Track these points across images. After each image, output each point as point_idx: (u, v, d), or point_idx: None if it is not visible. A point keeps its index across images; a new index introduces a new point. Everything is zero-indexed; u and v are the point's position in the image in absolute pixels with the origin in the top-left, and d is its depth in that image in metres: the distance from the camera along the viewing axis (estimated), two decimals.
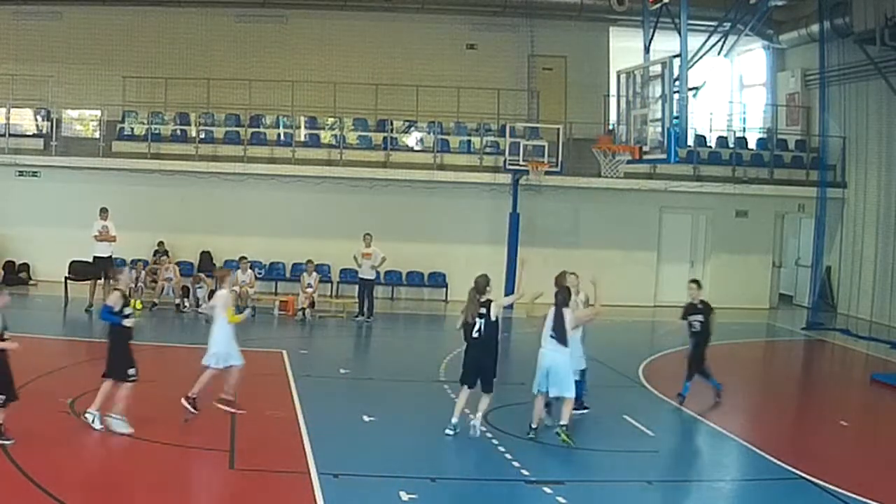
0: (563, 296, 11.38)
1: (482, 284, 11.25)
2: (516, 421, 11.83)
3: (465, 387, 11.33)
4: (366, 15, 25.35)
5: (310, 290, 20.59)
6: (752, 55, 28.66)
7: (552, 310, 11.35)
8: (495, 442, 11.19)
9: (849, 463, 11.39)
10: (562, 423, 11.22)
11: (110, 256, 20.03)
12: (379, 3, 25.24)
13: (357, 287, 21.10)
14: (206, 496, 9.20)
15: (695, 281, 14.55)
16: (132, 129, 24.04)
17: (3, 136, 22.88)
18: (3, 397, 9.64)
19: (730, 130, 26.93)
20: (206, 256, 23.24)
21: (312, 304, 20.60)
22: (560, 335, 11.20)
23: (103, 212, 20.02)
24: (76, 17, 24.46)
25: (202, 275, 21.35)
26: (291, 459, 10.17)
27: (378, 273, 21.35)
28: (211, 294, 20.86)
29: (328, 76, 24.46)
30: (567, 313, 11.28)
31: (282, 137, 24.42)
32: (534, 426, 11.32)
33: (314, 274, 20.93)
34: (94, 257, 19.73)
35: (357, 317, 20.56)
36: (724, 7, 18.78)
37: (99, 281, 19.82)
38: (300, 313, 20.55)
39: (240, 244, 22.65)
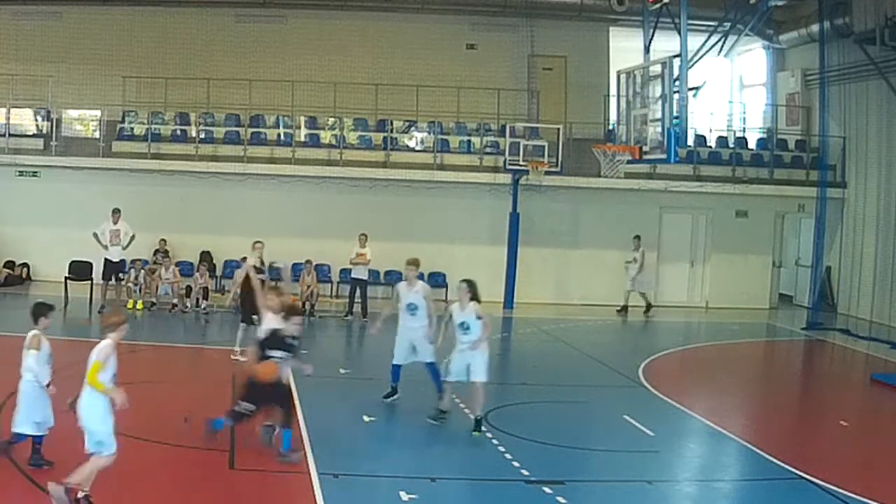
0: None
1: None
2: (516, 421, 11.83)
3: None
4: (366, 15, 25.34)
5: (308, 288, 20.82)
6: (752, 55, 28.66)
7: None
8: (495, 442, 11.20)
9: (849, 463, 11.38)
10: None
11: (121, 261, 20.24)
12: (379, 3, 25.23)
13: (349, 286, 21.14)
14: (206, 496, 9.19)
15: None
16: (132, 129, 24.04)
17: (3, 136, 22.87)
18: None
19: (730, 130, 26.93)
20: (206, 256, 23.24)
21: (313, 305, 20.80)
22: None
23: (115, 213, 20.20)
24: (76, 17, 24.46)
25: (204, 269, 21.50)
26: None
27: (377, 273, 21.39)
28: (206, 292, 20.96)
29: (328, 76, 24.45)
30: None
31: (282, 137, 24.41)
32: None
33: (313, 273, 21.14)
34: (105, 260, 20.02)
35: (346, 316, 20.62)
36: (724, 7, 18.79)
37: (110, 283, 20.11)
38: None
39: (240, 244, 22.55)
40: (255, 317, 14.73)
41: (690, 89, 14.21)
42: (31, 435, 9.19)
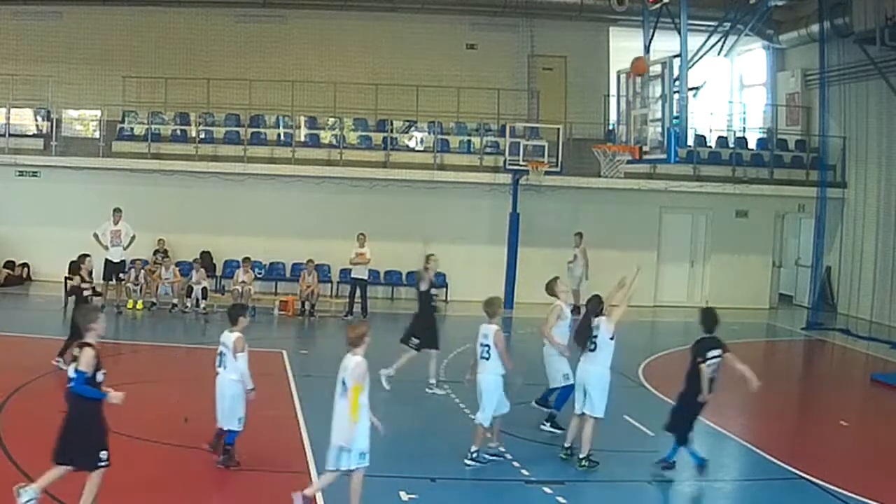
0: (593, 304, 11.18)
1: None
2: (516, 421, 11.82)
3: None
4: (366, 15, 25.35)
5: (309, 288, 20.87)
6: (752, 55, 28.67)
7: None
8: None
9: (849, 463, 11.39)
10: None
11: (122, 261, 20.27)
12: (379, 3, 25.24)
13: (349, 286, 21.17)
14: (207, 496, 9.19)
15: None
16: (132, 129, 24.04)
17: (3, 136, 22.90)
18: None
19: (730, 130, 26.95)
20: (206, 256, 23.24)
21: (313, 305, 20.80)
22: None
23: (116, 213, 20.23)
24: (76, 17, 24.47)
25: (202, 269, 21.45)
26: (291, 459, 10.17)
27: (377, 272, 21.41)
28: (205, 292, 20.96)
29: (328, 76, 24.46)
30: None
31: (282, 137, 24.42)
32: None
33: (314, 273, 21.13)
34: (106, 260, 20.01)
35: (346, 316, 20.63)
36: (724, 7, 18.81)
37: (110, 283, 20.16)
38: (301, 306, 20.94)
39: (240, 244, 22.66)
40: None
41: (690, 89, 14.20)
42: (234, 432, 9.69)
